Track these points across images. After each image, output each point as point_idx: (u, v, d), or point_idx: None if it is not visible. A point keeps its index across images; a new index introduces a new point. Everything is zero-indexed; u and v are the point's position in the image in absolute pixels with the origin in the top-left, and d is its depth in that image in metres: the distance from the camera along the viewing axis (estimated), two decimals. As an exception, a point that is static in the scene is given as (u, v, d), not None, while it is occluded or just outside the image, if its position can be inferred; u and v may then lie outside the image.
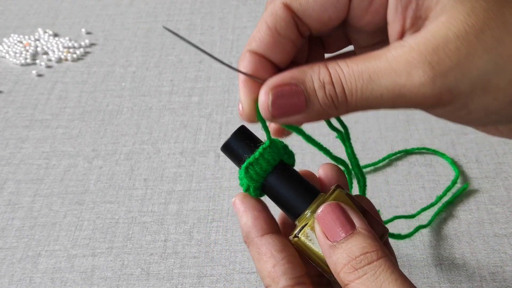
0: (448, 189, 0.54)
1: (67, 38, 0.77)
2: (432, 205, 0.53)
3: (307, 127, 0.33)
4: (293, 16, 0.31)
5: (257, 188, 0.34)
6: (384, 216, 0.53)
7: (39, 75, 0.73)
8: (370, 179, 0.56)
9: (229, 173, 0.58)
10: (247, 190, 0.34)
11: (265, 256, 0.32)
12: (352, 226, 0.30)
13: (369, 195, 0.32)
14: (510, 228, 0.51)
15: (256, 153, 0.33)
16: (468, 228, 0.51)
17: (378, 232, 0.33)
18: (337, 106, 0.29)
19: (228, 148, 0.34)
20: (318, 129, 0.62)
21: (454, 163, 0.56)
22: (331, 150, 0.36)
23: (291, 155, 0.35)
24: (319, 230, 0.31)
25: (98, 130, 0.65)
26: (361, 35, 0.34)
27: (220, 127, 0.64)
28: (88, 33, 0.79)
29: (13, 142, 0.64)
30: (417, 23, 0.29)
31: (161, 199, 0.57)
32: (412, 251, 0.50)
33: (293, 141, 0.61)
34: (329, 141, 0.59)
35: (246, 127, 0.35)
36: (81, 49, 0.76)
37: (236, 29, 0.78)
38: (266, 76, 0.31)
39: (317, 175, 0.37)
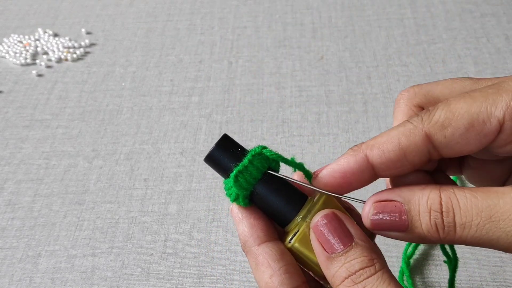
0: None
1: (67, 38, 0.77)
2: None
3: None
4: (430, 147, 0.29)
5: (246, 196, 0.33)
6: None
7: (39, 75, 0.73)
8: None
9: (229, 173, 0.58)
10: (235, 199, 0.33)
11: (262, 266, 0.32)
12: (350, 238, 0.30)
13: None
14: (510, 228, 0.51)
15: (245, 160, 0.32)
16: (468, 228, 0.51)
17: (367, 232, 0.32)
18: (441, 237, 0.28)
19: (212, 159, 0.33)
20: (318, 128, 0.62)
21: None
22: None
23: (277, 161, 0.34)
24: (315, 241, 0.30)
25: (98, 130, 0.65)
26: (484, 153, 0.31)
27: (220, 127, 0.64)
28: (88, 33, 0.79)
29: (13, 142, 0.64)
30: None
31: (161, 199, 0.57)
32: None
33: (294, 141, 0.61)
34: (329, 141, 0.59)
35: (229, 136, 0.34)
36: (81, 49, 0.76)
37: (236, 29, 0.78)
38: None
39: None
